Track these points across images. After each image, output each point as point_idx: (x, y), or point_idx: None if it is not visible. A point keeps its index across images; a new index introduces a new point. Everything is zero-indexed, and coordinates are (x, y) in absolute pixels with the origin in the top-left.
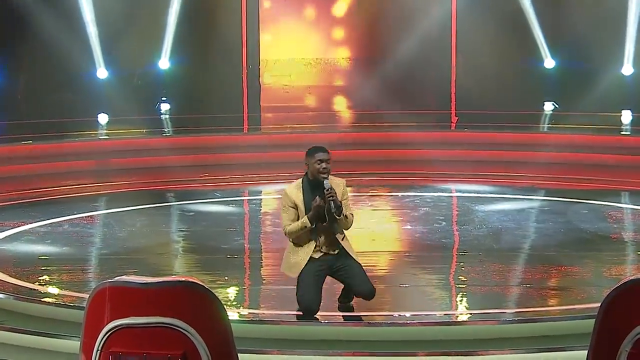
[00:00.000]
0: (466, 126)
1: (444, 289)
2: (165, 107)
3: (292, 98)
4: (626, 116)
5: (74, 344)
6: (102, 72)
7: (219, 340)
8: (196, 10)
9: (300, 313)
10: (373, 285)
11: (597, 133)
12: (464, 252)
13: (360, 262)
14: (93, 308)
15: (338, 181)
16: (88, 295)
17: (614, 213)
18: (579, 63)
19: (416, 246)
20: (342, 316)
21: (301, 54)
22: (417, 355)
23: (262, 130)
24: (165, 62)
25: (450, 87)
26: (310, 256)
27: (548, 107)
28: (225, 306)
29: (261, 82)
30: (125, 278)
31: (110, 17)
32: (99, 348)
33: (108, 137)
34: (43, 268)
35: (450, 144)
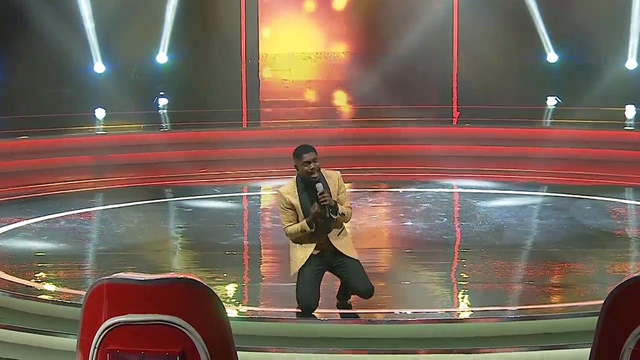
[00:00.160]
0: (468, 121)
1: (446, 286)
2: (163, 102)
3: (292, 93)
4: (630, 111)
5: (71, 342)
6: (100, 67)
7: (218, 337)
8: (195, 3)
9: (299, 310)
10: (371, 283)
11: (601, 128)
12: (466, 249)
13: (359, 259)
14: (90, 305)
15: (332, 174)
16: (85, 292)
17: (618, 209)
18: (581, 57)
19: (417, 243)
20: (342, 313)
21: (301, 49)
22: (418, 353)
23: (262, 125)
24: (163, 57)
25: (451, 82)
26: (310, 256)
27: (551, 102)
28: (224, 303)
29: (260, 77)
30: (122, 275)
31: (107, 12)
32: (97, 346)
33: (105, 132)
34: (39, 265)
35: (451, 139)
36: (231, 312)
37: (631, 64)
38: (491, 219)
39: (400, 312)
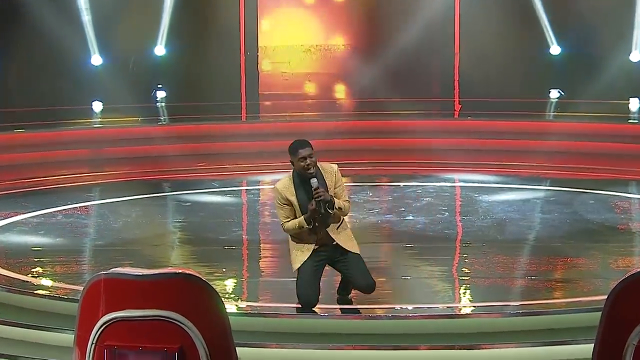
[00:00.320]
0: (469, 114)
1: (447, 281)
2: (161, 95)
3: (291, 85)
4: (634, 104)
5: (68, 337)
6: (97, 59)
7: (217, 333)
8: None
9: (299, 306)
10: (372, 278)
11: (604, 121)
12: (468, 244)
13: (359, 254)
14: (87, 301)
15: (329, 168)
16: (82, 287)
17: (622, 203)
18: (584, 49)
19: (418, 237)
20: (342, 309)
21: (300, 41)
22: (419, 349)
23: (261, 118)
24: (161, 49)
25: (453, 74)
26: (312, 251)
27: (554, 95)
28: (222, 299)
29: (259, 69)
30: (120, 270)
31: (104, 3)
32: (94, 341)
33: (102, 126)
34: (36, 259)
35: (453, 133)
36: (230, 308)
37: (635, 56)
38: (493, 213)
39: (401, 308)
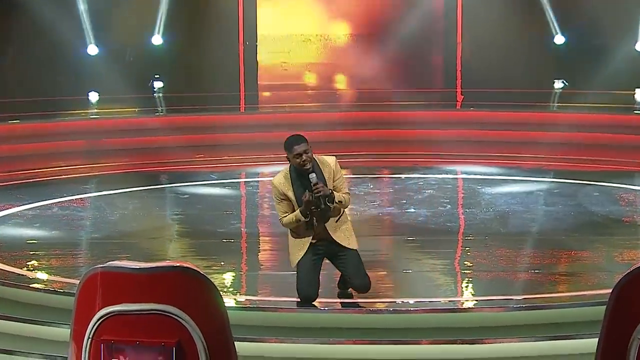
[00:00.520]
0: (472, 105)
1: (449, 275)
2: (158, 85)
3: (291, 76)
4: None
5: (64, 332)
6: (93, 49)
7: (215, 328)
8: None
9: (298, 300)
10: (368, 277)
11: (609, 112)
12: (470, 237)
13: (357, 249)
14: (84, 294)
15: (327, 161)
16: (78, 281)
17: (627, 195)
18: (589, 39)
19: (420, 230)
20: (342, 303)
21: (300, 30)
22: (421, 343)
23: (260, 109)
24: (158, 38)
25: (455, 65)
26: (309, 245)
27: (557, 85)
28: (221, 293)
29: (258, 59)
30: (117, 263)
31: None
32: (90, 336)
33: (99, 117)
34: (31, 253)
35: (455, 124)
36: (229, 302)
37: None
38: (496, 206)
39: (402, 302)
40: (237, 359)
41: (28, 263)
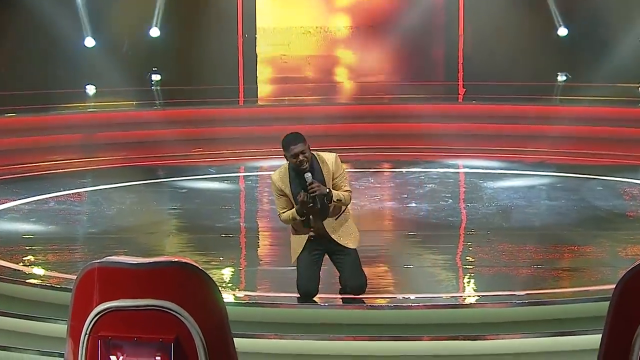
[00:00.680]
0: (474, 98)
1: (451, 270)
2: (155, 78)
3: (291, 69)
4: None
5: (61, 328)
6: (90, 41)
7: (214, 323)
8: None
9: (298, 295)
10: (364, 279)
11: (613, 105)
12: (472, 231)
13: (356, 250)
14: (81, 290)
15: (327, 158)
16: (75, 276)
17: (631, 189)
18: (593, 31)
19: (421, 225)
20: (343, 299)
21: (300, 22)
22: (422, 339)
23: (259, 102)
24: (156, 31)
25: (457, 57)
26: (307, 241)
27: (561, 78)
28: (220, 288)
29: (257, 52)
30: (114, 258)
31: None
32: (87, 332)
33: (96, 110)
34: (28, 248)
35: (457, 117)
36: (227, 297)
37: None
38: (498, 200)
39: (403, 297)
40: (236, 355)
41: (24, 258)
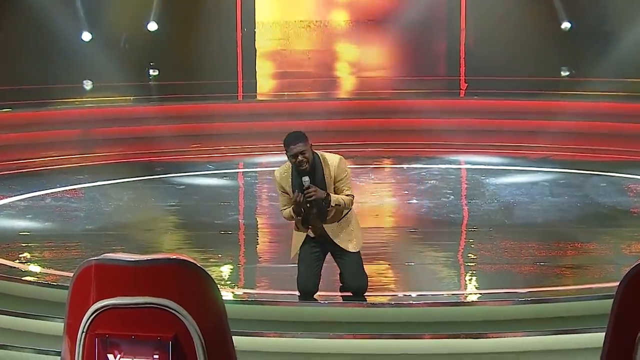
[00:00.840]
0: (476, 93)
1: (452, 267)
2: (153, 73)
3: (290, 63)
4: None
5: (58, 326)
6: (87, 35)
7: (212, 322)
8: None
9: (298, 293)
10: (365, 280)
11: (618, 100)
12: (474, 228)
13: (357, 251)
14: (78, 287)
15: (331, 160)
16: (72, 273)
17: (635, 186)
18: (596, 25)
19: (422, 222)
20: (343, 296)
21: (299, 16)
22: (423, 337)
23: (258, 97)
24: (153, 25)
25: (459, 51)
26: (306, 237)
27: (565, 73)
28: (218, 286)
29: (257, 46)
30: (112, 255)
31: None
32: (84, 330)
33: (93, 105)
34: (24, 245)
35: (458, 113)
36: (226, 295)
37: None
38: (500, 197)
39: (404, 295)
40: (235, 354)
41: (20, 255)
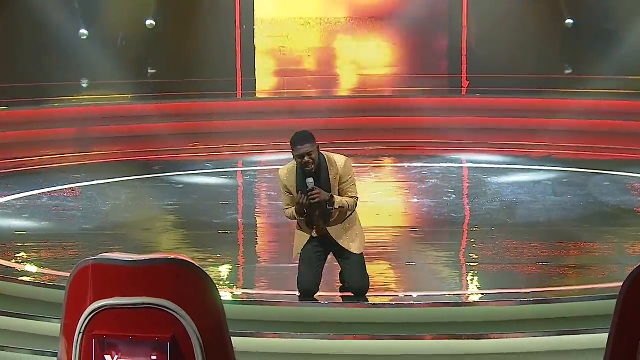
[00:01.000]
0: (478, 91)
1: (454, 268)
2: (151, 71)
3: (290, 61)
4: None
5: (54, 327)
6: (84, 32)
7: (211, 322)
8: None
9: (298, 293)
10: (367, 281)
11: (621, 98)
12: (476, 228)
13: (359, 253)
14: (75, 288)
15: (337, 161)
16: (69, 274)
17: (639, 185)
18: (599, 22)
19: (424, 221)
20: (344, 297)
21: (299, 13)
22: (424, 338)
23: (257, 95)
24: (151, 22)
25: (460, 49)
26: (309, 237)
27: (568, 71)
28: (217, 286)
29: (256, 44)
30: (109, 255)
31: None
32: (82, 331)
33: (90, 103)
34: (20, 244)
35: (460, 111)
36: (225, 295)
37: None
38: (503, 196)
39: (405, 295)
40: (234, 355)
41: (17, 255)
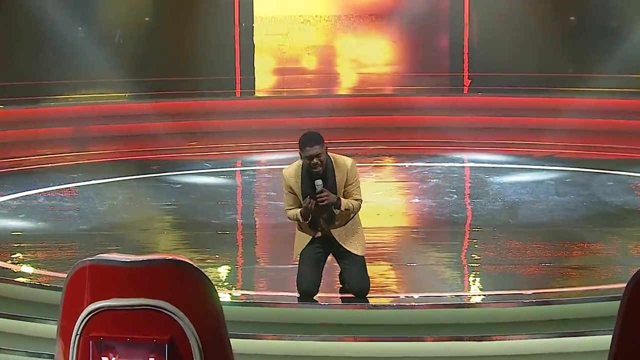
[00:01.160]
0: (480, 90)
1: (455, 268)
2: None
3: (289, 59)
4: None
5: (51, 328)
6: (81, 30)
7: (210, 324)
8: None
9: (297, 295)
10: (368, 282)
11: (624, 97)
12: (477, 228)
13: (361, 255)
14: (71, 289)
15: (342, 163)
16: (66, 274)
17: None
18: (602, 20)
19: (425, 221)
20: (344, 298)
21: (299, 11)
22: (425, 340)
23: (257, 94)
24: (149, 19)
25: (462, 47)
26: (310, 238)
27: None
28: (216, 287)
29: (255, 42)
30: (106, 256)
31: None
32: (79, 332)
33: (87, 102)
34: (16, 245)
35: (462, 110)
36: (224, 297)
37: None
38: (505, 196)
39: (406, 297)
40: (233, 356)
41: (13, 256)
